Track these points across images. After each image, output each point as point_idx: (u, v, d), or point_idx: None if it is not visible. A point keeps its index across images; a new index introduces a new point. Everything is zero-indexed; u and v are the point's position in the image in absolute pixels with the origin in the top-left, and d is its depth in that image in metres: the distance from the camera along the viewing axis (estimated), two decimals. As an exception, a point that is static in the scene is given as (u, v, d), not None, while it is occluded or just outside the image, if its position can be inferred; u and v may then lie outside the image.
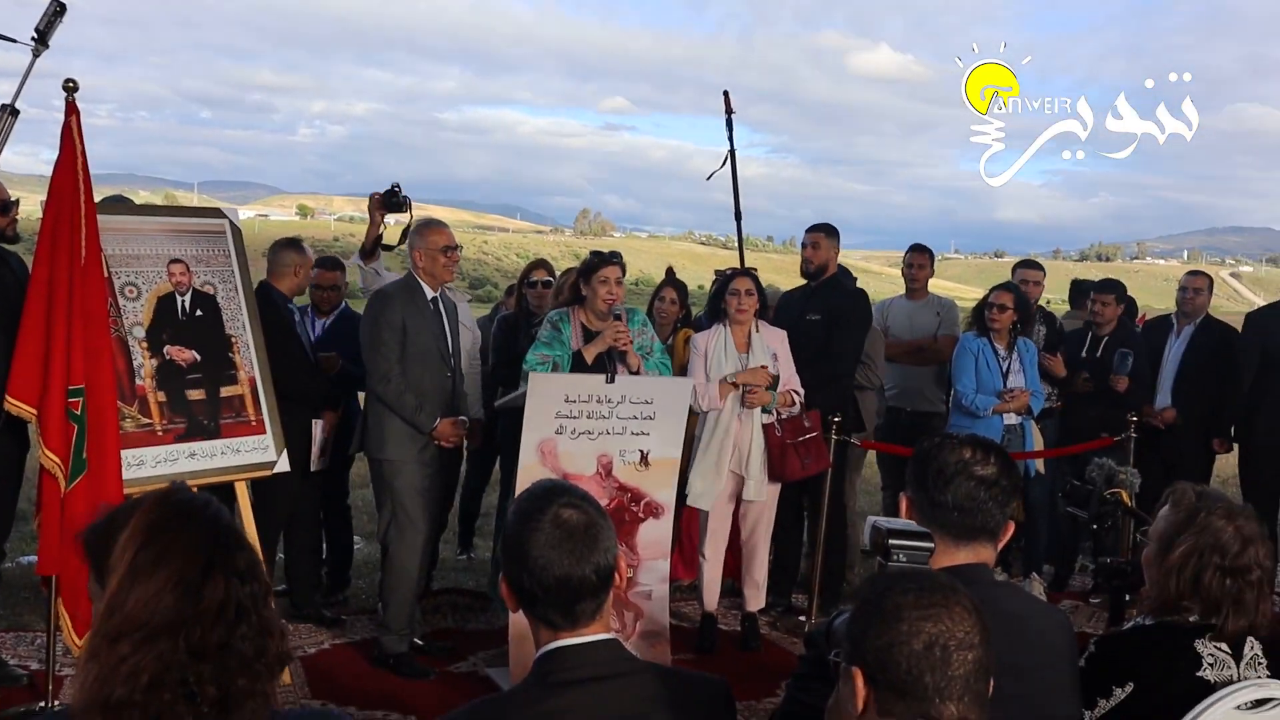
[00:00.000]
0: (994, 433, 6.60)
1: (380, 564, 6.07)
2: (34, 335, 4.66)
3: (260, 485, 5.62)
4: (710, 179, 7.56)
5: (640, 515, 5.59)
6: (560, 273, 6.96)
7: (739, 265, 6.78)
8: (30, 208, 5.24)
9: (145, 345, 5.27)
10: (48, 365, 4.64)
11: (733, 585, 6.58)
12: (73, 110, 4.73)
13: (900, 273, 8.08)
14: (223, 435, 5.44)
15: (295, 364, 5.88)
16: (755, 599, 6.40)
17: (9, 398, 4.65)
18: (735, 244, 7.61)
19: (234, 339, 5.57)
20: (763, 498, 6.20)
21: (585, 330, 5.71)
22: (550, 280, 6.92)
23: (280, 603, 5.83)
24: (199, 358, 5.43)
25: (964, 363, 6.92)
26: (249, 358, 5.59)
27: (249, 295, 5.68)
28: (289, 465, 5.71)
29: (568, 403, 5.36)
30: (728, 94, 7.64)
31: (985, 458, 2.66)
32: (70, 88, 4.74)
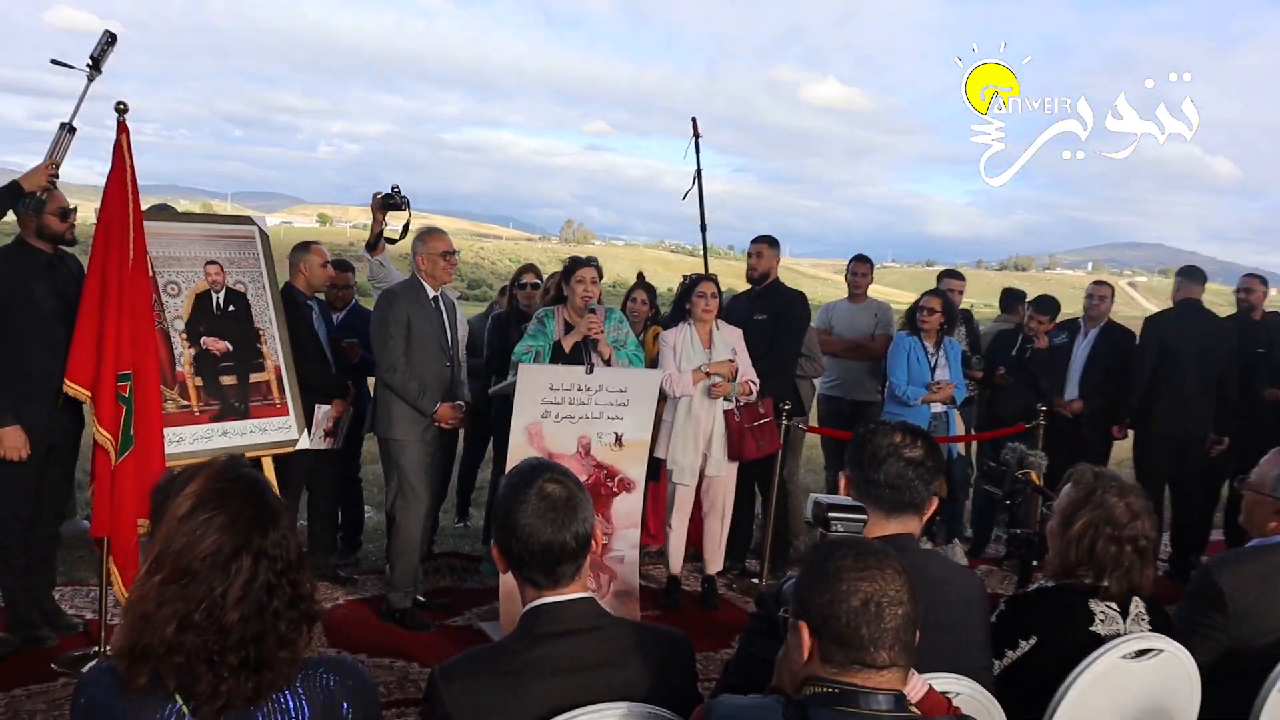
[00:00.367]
0: (922, 420, 6.66)
1: (387, 531, 6.06)
2: (88, 327, 4.66)
3: (280, 459, 5.59)
4: (685, 198, 7.56)
5: (615, 490, 5.61)
6: (548, 276, 6.96)
7: (704, 271, 6.79)
8: (85, 214, 5.22)
9: (184, 336, 5.25)
10: (100, 353, 4.65)
11: (694, 552, 6.60)
12: (123, 129, 4.73)
13: (844, 279, 8.10)
14: (251, 416, 5.42)
15: (307, 356, 5.84)
16: (714, 563, 6.42)
17: (67, 381, 4.66)
18: (700, 252, 7.62)
19: (262, 331, 5.55)
20: (723, 474, 6.22)
21: (567, 324, 5.72)
22: (538, 283, 6.91)
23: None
24: (231, 348, 5.41)
25: (897, 358, 6.98)
26: (275, 348, 5.58)
27: (275, 293, 5.65)
28: (308, 443, 5.71)
29: (552, 390, 5.37)
30: (695, 120, 7.62)
31: (914, 442, 2.69)
32: (121, 109, 4.75)
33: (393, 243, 6.16)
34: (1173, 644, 2.72)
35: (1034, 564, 4.49)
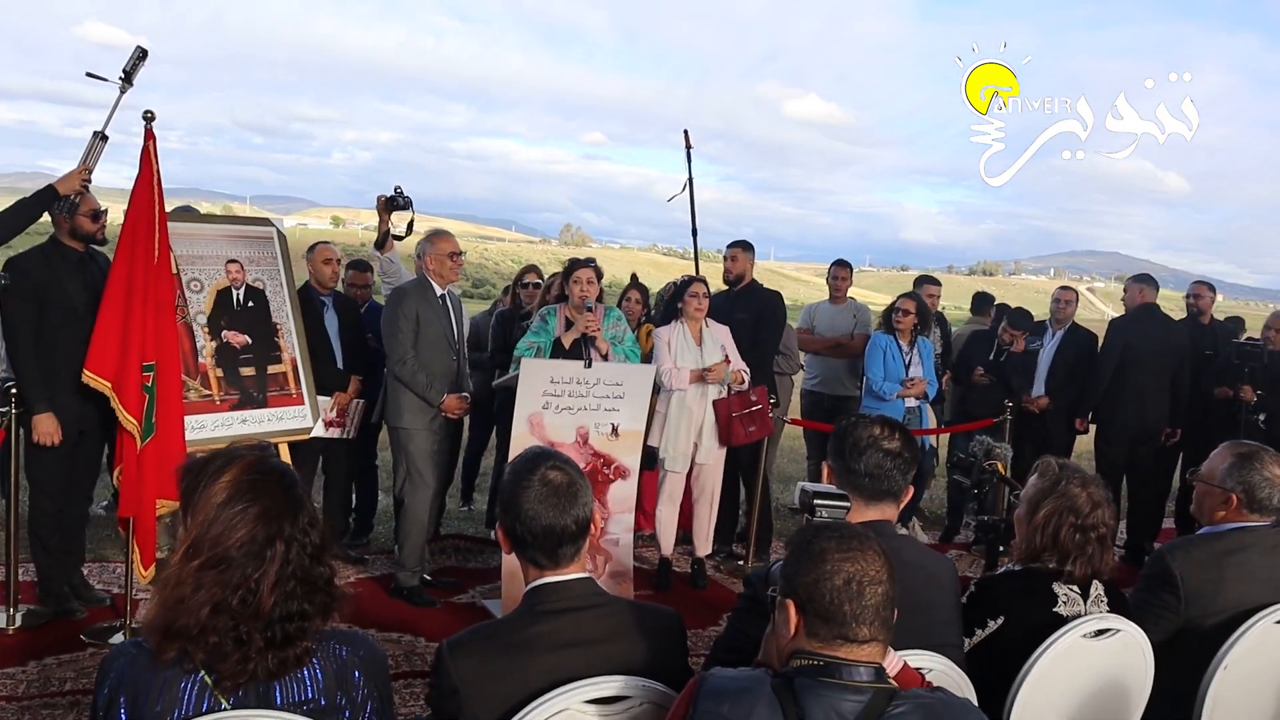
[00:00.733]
0: (897, 413, 6.66)
1: (395, 513, 6.05)
2: (112, 321, 4.63)
3: (292, 445, 5.57)
4: (671, 201, 7.56)
5: (611, 477, 5.60)
6: (548, 275, 6.96)
7: (694, 273, 6.80)
8: (115, 216, 5.20)
9: (206, 330, 5.24)
10: (126, 345, 4.62)
11: (685, 535, 6.60)
12: (150, 135, 4.70)
13: (825, 281, 8.11)
14: (269, 405, 5.41)
15: (312, 352, 5.78)
16: (703, 546, 6.42)
17: (86, 370, 4.63)
18: (692, 255, 7.62)
19: (279, 326, 5.53)
20: (712, 461, 6.23)
21: (568, 321, 5.72)
22: (539, 282, 6.91)
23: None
24: (250, 341, 5.39)
25: (874, 356, 6.98)
26: (291, 342, 5.56)
27: (292, 290, 5.63)
28: (322, 430, 5.72)
29: (553, 383, 5.37)
30: (687, 132, 7.61)
31: (891, 434, 2.70)
32: (149, 118, 4.72)
33: (399, 239, 6.17)
34: (1129, 624, 2.73)
35: (1000, 549, 4.51)
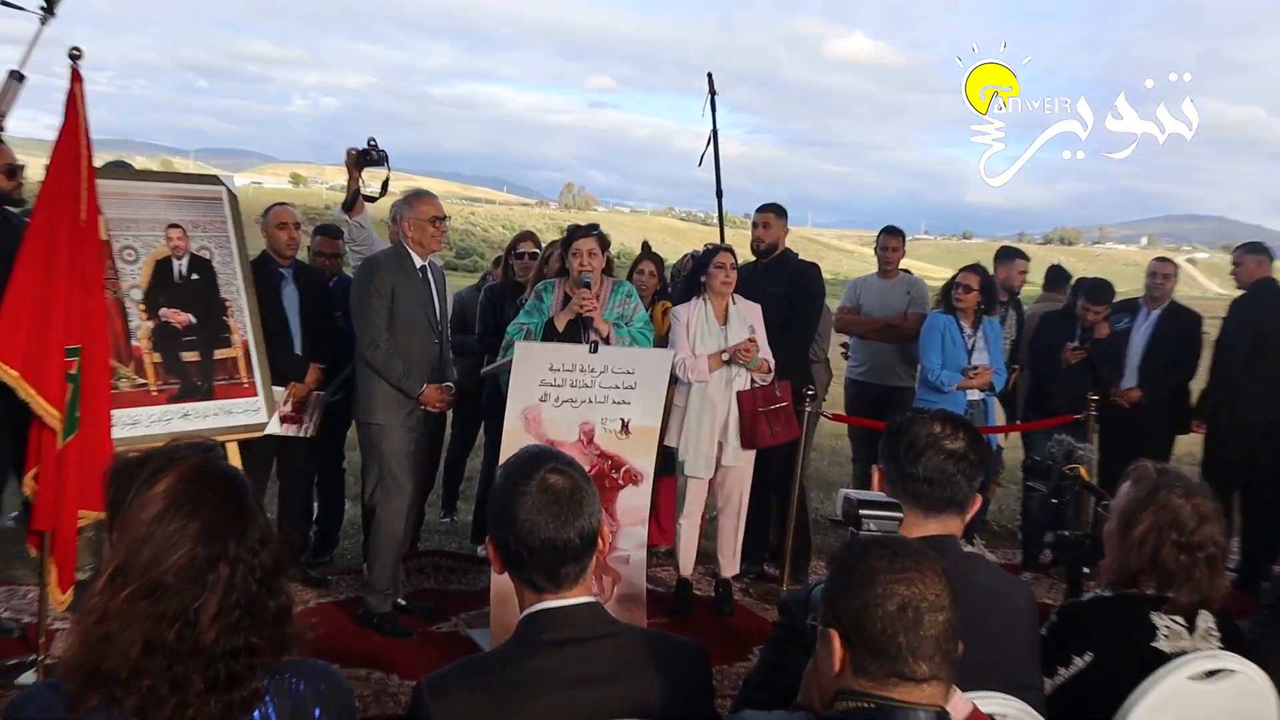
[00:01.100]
0: (957, 408, 6.63)
1: (364, 525, 6.04)
2: (24, 296, 4.48)
3: (243, 444, 5.53)
4: (700, 164, 7.55)
5: (620, 482, 5.60)
6: (546, 245, 6.94)
7: (719, 241, 6.77)
8: (33, 172, 5.16)
9: (142, 307, 5.22)
10: (45, 325, 4.50)
11: (707, 551, 6.58)
12: (77, 78, 4.61)
13: (873, 252, 8.08)
14: (216, 396, 5.40)
15: (267, 333, 5.72)
16: (729, 565, 6.42)
17: None
18: (714, 220, 7.61)
19: (229, 303, 5.52)
20: (739, 464, 6.22)
21: (567, 298, 5.71)
22: (536, 252, 6.90)
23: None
24: (194, 320, 5.39)
25: (931, 339, 6.94)
26: (243, 321, 5.55)
27: (244, 261, 5.62)
28: (279, 427, 5.71)
29: (552, 371, 5.36)
30: (711, 76, 7.59)
31: (955, 432, 2.68)
32: (75, 55, 4.59)
33: (371, 201, 6.17)
34: (1246, 664, 2.70)
35: (1085, 571, 4.47)
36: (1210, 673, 2.65)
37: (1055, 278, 9.14)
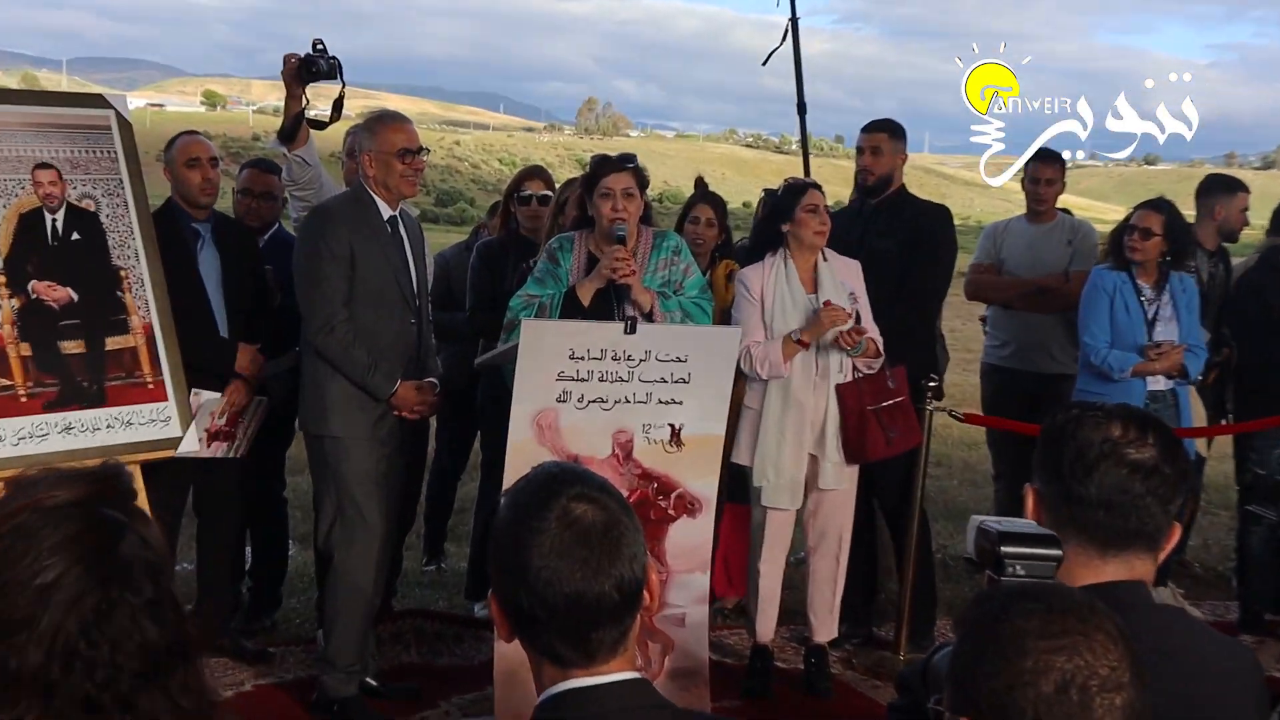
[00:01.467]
0: (1135, 401, 6.56)
1: (319, 577, 6.08)
2: None
3: (151, 469, 5.53)
4: (766, 63, 7.55)
5: (671, 513, 5.60)
6: (561, 185, 6.95)
7: (803, 175, 6.77)
8: None
9: (3, 280, 5.26)
10: None
11: (793, 608, 6.60)
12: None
13: (1020, 186, 8.06)
14: (109, 402, 5.41)
15: (183, 314, 5.71)
16: (825, 628, 6.44)
17: None
18: (794, 147, 7.63)
19: (124, 272, 5.53)
20: (844, 485, 6.22)
21: (592, 260, 5.71)
22: (548, 195, 6.92)
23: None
24: (76, 297, 5.40)
25: (1096, 306, 6.85)
26: (144, 297, 5.55)
27: (144, 213, 5.63)
28: (196, 444, 5.69)
29: (574, 360, 5.36)
30: (786, -58, 7.62)
31: (1141, 437, 2.65)
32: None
33: (320, 128, 6.19)
34: None
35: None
36: None
37: None
